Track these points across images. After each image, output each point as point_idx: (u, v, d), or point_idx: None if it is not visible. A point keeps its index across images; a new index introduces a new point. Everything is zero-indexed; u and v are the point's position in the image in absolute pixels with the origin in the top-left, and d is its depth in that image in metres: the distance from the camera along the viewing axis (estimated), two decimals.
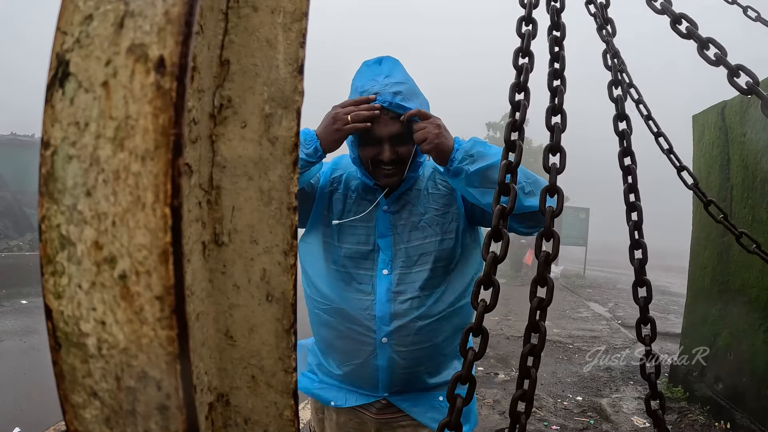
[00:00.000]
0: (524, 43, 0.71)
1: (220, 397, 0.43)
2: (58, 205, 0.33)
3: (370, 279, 1.27)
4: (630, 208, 0.80)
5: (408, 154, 1.25)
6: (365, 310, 1.25)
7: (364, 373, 1.27)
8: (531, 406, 0.58)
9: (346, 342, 1.28)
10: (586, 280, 15.22)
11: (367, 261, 1.28)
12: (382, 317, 1.24)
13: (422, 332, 1.24)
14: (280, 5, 0.43)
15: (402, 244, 1.27)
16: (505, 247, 0.60)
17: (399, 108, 1.19)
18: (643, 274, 0.77)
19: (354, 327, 1.26)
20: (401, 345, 1.24)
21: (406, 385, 1.27)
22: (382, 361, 1.25)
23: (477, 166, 1.15)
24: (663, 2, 0.88)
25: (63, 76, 0.34)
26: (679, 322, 4.77)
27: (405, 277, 1.26)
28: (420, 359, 1.26)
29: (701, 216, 4.11)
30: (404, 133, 1.21)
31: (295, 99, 0.43)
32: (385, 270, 1.27)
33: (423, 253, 1.27)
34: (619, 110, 0.83)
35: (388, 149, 1.21)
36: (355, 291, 1.27)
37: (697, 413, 3.70)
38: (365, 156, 1.25)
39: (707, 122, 4.06)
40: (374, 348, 1.25)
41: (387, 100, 1.19)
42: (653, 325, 0.77)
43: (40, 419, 2.98)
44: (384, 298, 1.25)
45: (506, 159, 0.65)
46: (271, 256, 0.43)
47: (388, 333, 1.23)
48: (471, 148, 1.17)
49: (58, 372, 0.34)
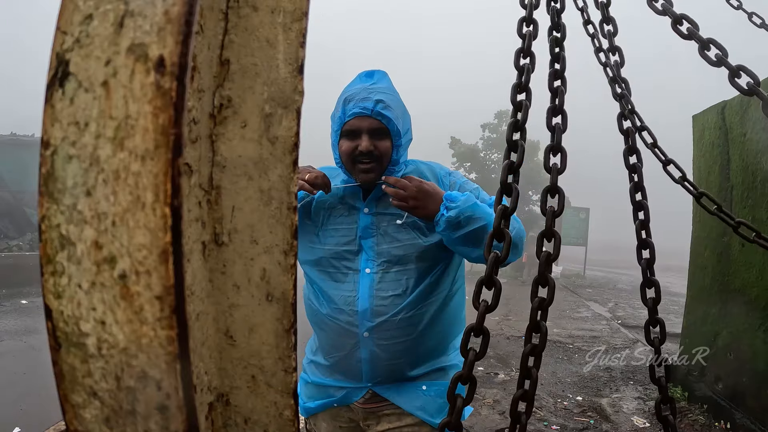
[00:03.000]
0: (525, 44, 0.71)
1: (220, 396, 0.43)
2: (58, 205, 0.33)
3: (353, 277, 1.33)
4: (636, 207, 0.80)
5: (386, 152, 1.29)
6: (348, 305, 1.32)
7: (349, 364, 1.35)
8: (531, 406, 0.58)
9: (332, 335, 1.35)
10: (586, 280, 15.22)
11: (351, 261, 1.34)
12: (364, 313, 1.30)
13: (401, 328, 1.30)
14: (280, 5, 0.43)
15: (385, 244, 1.33)
16: (507, 247, 0.60)
17: (379, 115, 1.25)
18: (651, 275, 0.76)
19: (338, 322, 1.32)
20: (382, 339, 1.30)
21: (388, 376, 1.34)
22: (364, 354, 1.32)
23: (462, 231, 1.19)
24: (664, 3, 0.88)
25: (63, 75, 0.34)
26: (679, 322, 4.76)
27: (386, 275, 1.32)
28: (400, 352, 1.32)
29: (701, 215, 4.11)
30: (384, 130, 1.27)
31: (295, 99, 0.43)
32: (367, 269, 1.33)
33: (405, 253, 1.31)
34: (623, 108, 0.83)
35: (366, 139, 1.26)
36: (340, 288, 1.33)
37: (697, 413, 3.70)
38: (345, 152, 1.30)
39: (707, 122, 4.06)
40: (357, 341, 1.32)
41: (369, 107, 1.25)
42: (662, 327, 0.76)
43: (40, 419, 2.98)
44: (366, 294, 1.31)
45: (508, 159, 0.65)
46: (271, 255, 0.43)
47: (369, 328, 1.30)
48: (458, 215, 1.18)
49: (58, 372, 0.34)
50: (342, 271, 1.34)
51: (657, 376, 0.74)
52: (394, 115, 1.28)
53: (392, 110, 1.28)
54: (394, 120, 1.28)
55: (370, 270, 1.32)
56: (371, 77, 1.37)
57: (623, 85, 1.05)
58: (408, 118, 1.37)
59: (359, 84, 1.33)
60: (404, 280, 1.31)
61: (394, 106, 1.30)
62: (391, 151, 1.31)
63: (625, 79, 1.09)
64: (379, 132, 1.28)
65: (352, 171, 1.32)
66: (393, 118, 1.28)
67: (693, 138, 4.34)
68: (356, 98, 1.28)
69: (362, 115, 1.26)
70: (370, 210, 1.35)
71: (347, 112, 1.28)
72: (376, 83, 1.33)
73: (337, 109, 1.32)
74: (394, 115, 1.28)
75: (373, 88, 1.30)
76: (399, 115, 1.31)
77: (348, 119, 1.28)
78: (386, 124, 1.27)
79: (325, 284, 1.35)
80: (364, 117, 1.26)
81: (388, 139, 1.29)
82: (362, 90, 1.30)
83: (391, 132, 1.29)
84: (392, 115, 1.28)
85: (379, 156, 1.29)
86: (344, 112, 1.29)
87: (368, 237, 1.34)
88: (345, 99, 1.30)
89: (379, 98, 1.27)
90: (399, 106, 1.32)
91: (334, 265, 1.35)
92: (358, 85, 1.33)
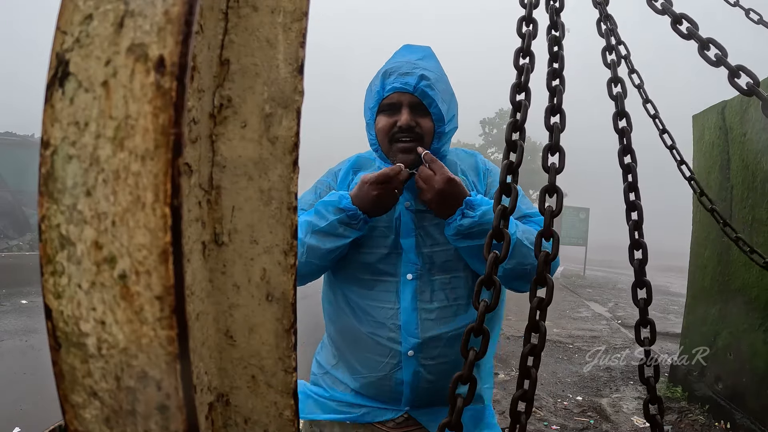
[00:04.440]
0: (525, 43, 0.71)
1: (220, 397, 0.43)
2: (58, 205, 0.33)
3: (394, 285, 1.15)
4: (630, 207, 0.80)
5: (429, 131, 1.13)
6: (389, 319, 1.13)
7: (386, 387, 1.15)
8: (531, 406, 0.58)
9: (369, 354, 1.15)
10: (586, 280, 15.22)
11: (390, 265, 1.15)
12: (408, 328, 1.12)
13: (451, 344, 1.13)
14: (280, 5, 0.43)
15: (427, 246, 1.15)
16: (507, 247, 0.60)
17: (422, 94, 1.10)
18: (643, 275, 0.76)
19: (378, 338, 1.14)
20: (429, 358, 1.13)
21: (429, 398, 1.16)
22: (406, 376, 1.13)
23: (470, 243, 1.07)
24: (663, 2, 0.88)
25: (63, 75, 0.34)
26: (679, 322, 4.77)
27: (432, 283, 1.14)
28: (447, 372, 1.14)
29: (701, 216, 4.11)
30: (426, 107, 1.12)
31: (295, 99, 0.43)
32: (409, 275, 1.14)
33: (450, 258, 1.15)
34: (618, 108, 0.82)
35: (407, 113, 1.10)
36: (378, 299, 1.15)
37: (697, 413, 3.70)
38: (382, 130, 1.14)
39: (707, 122, 4.06)
40: (399, 361, 1.13)
41: (411, 83, 1.10)
42: (653, 328, 0.76)
43: (40, 419, 2.98)
44: (410, 306, 1.13)
45: (507, 159, 0.65)
46: (271, 255, 0.43)
47: (415, 345, 1.12)
48: (472, 225, 1.05)
49: (58, 372, 0.34)
50: (380, 278, 1.16)
51: (646, 375, 0.74)
52: (439, 97, 1.12)
53: (437, 92, 1.12)
54: (438, 102, 1.11)
55: (412, 276, 1.14)
56: (416, 52, 1.19)
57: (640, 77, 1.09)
58: (455, 104, 1.19)
59: (402, 57, 1.17)
60: (450, 289, 1.14)
61: (441, 87, 1.14)
62: (433, 135, 1.14)
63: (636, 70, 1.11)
64: (422, 108, 1.11)
65: (388, 153, 1.15)
66: (437, 100, 1.11)
67: (693, 138, 4.34)
68: (398, 72, 1.12)
69: (403, 90, 1.10)
70: (412, 205, 1.16)
71: (386, 86, 1.12)
72: (422, 59, 1.16)
73: (375, 83, 1.16)
74: (440, 97, 1.12)
75: (419, 63, 1.14)
76: (446, 99, 1.15)
77: (387, 94, 1.12)
78: (428, 105, 1.11)
79: (361, 295, 1.16)
80: (406, 93, 1.11)
81: (430, 119, 1.13)
82: (405, 64, 1.13)
83: (432, 116, 1.12)
84: (437, 96, 1.11)
85: (421, 134, 1.12)
86: (383, 86, 1.13)
87: (408, 236, 1.15)
88: (385, 72, 1.14)
89: (424, 73, 1.11)
90: (447, 89, 1.16)
91: (372, 271, 1.16)
92: (401, 58, 1.17)
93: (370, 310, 1.15)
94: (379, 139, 1.15)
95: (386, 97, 1.12)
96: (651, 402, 0.73)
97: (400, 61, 1.15)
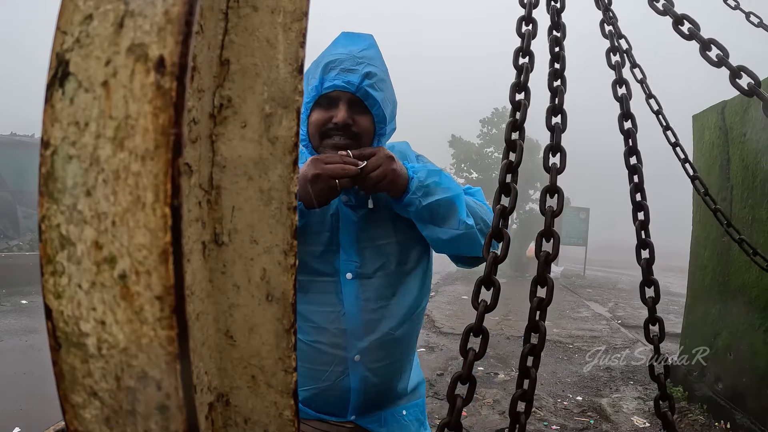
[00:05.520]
0: (524, 43, 0.71)
1: (220, 397, 0.43)
2: (58, 205, 0.33)
3: (333, 285, 1.07)
4: (636, 207, 0.80)
5: (366, 130, 1.05)
6: (332, 323, 1.06)
7: (331, 397, 1.08)
8: (531, 406, 0.58)
9: (308, 365, 1.06)
10: (586, 280, 15.22)
11: (325, 263, 1.07)
12: (354, 331, 1.06)
13: (394, 345, 1.09)
14: (280, 5, 0.43)
15: (366, 241, 1.09)
16: (506, 247, 0.60)
17: (365, 96, 1.03)
18: (650, 274, 0.77)
19: (321, 346, 1.06)
20: (375, 360, 1.07)
21: (375, 403, 1.12)
22: (354, 382, 1.07)
23: (429, 199, 1.02)
24: (665, 3, 0.88)
25: (63, 75, 0.34)
26: (679, 322, 4.76)
27: (372, 281, 1.08)
28: (392, 373, 1.11)
29: (701, 216, 4.11)
30: (364, 106, 1.05)
31: (295, 99, 0.43)
32: (349, 273, 1.07)
33: (389, 252, 1.10)
34: (624, 109, 0.83)
35: (344, 110, 1.02)
36: (316, 302, 1.07)
37: (697, 413, 3.70)
38: (315, 123, 1.05)
39: (707, 122, 4.06)
40: (345, 368, 1.07)
41: (354, 82, 1.02)
42: (662, 326, 0.77)
43: (40, 419, 2.98)
44: (354, 308, 1.06)
45: (507, 159, 0.65)
46: (271, 255, 0.43)
47: (361, 349, 1.06)
48: (426, 178, 1.03)
49: (58, 372, 0.34)
50: (316, 279, 1.07)
51: (656, 373, 0.74)
52: (382, 98, 1.05)
53: (381, 91, 1.06)
54: (381, 104, 1.05)
55: (351, 275, 1.07)
56: (358, 42, 1.09)
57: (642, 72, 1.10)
58: (395, 102, 1.13)
59: (344, 48, 1.07)
60: (389, 285, 1.09)
61: (384, 86, 1.07)
62: (373, 135, 1.07)
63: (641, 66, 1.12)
64: (362, 106, 1.04)
65: (318, 149, 1.06)
66: (380, 101, 1.05)
67: (693, 138, 4.34)
68: (339, 67, 1.03)
69: (345, 90, 1.03)
70: (349, 200, 1.09)
71: (326, 81, 1.03)
72: (365, 50, 1.07)
73: (313, 75, 1.05)
74: (383, 97, 1.06)
75: (363, 56, 1.05)
76: (388, 98, 1.08)
77: (325, 92, 1.03)
78: (370, 107, 1.05)
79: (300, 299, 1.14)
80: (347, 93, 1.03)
81: (370, 118, 1.06)
82: (348, 57, 1.04)
83: (374, 117, 1.06)
84: (380, 97, 1.05)
85: (357, 133, 1.04)
86: (322, 81, 1.04)
87: (346, 233, 1.08)
88: (325, 65, 1.04)
89: (369, 71, 1.04)
90: (389, 87, 1.10)
91: (308, 271, 1.05)
92: (342, 49, 1.07)
93: (309, 315, 1.06)
94: (311, 133, 1.06)
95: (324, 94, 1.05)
96: (661, 399, 0.73)
97: (342, 53, 1.05)
